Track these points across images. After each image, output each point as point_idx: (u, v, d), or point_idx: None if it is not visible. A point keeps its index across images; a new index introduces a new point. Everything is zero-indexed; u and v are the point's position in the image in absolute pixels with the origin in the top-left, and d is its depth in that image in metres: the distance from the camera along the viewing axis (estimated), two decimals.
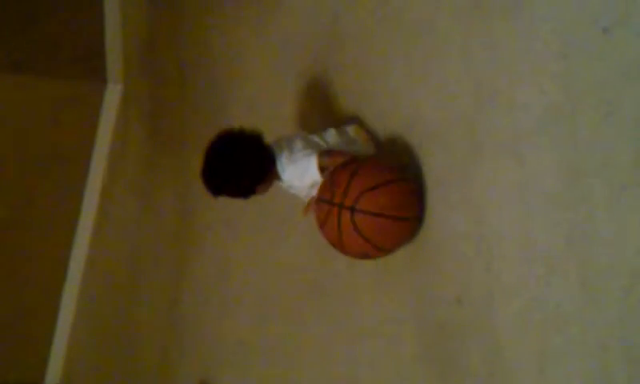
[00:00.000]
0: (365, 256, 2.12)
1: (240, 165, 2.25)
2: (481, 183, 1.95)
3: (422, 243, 2.14)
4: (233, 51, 3.30)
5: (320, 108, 2.65)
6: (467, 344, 1.97)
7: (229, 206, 3.04)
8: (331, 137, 2.31)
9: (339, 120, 2.49)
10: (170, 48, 3.91)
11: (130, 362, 3.75)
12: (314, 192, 2.29)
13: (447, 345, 2.03)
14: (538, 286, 1.78)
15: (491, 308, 1.90)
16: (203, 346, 3.21)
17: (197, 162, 2.32)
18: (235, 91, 3.24)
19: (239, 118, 2.49)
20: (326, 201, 2.06)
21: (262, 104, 3.00)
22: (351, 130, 2.35)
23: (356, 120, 2.43)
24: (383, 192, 2.01)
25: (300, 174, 2.24)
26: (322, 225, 2.10)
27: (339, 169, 2.10)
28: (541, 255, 1.77)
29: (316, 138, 2.30)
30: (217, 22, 3.45)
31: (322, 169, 2.21)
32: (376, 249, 2.07)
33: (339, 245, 2.09)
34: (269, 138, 2.33)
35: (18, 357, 4.23)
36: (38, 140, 4.14)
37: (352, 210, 2.00)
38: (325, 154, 2.22)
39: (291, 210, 2.57)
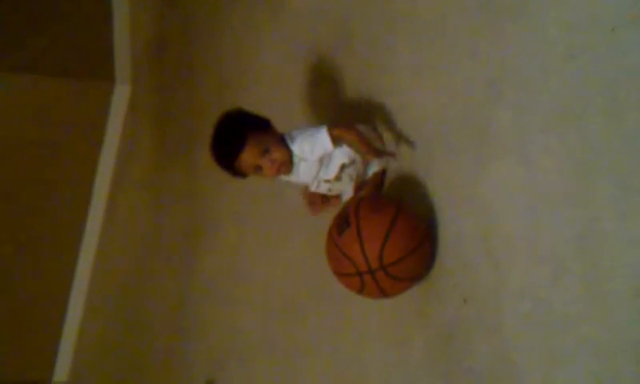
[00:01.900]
0: (411, 287, 2.14)
1: (240, 113, 2.31)
2: (488, 184, 1.95)
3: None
4: (242, 52, 3.30)
5: (329, 108, 2.66)
6: (474, 345, 1.97)
7: (238, 203, 3.05)
8: None
9: (348, 119, 2.49)
10: (179, 49, 3.92)
11: (137, 360, 3.76)
12: (322, 175, 2.29)
13: (454, 346, 2.03)
14: (546, 286, 1.77)
15: (498, 309, 1.90)
16: (210, 344, 3.21)
17: (205, 162, 2.32)
18: (245, 92, 3.25)
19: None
20: (353, 274, 2.07)
21: (272, 104, 3.00)
22: (360, 128, 2.35)
23: (364, 121, 2.43)
24: (397, 235, 2.02)
25: (310, 144, 2.22)
26: (359, 291, 2.12)
27: (338, 237, 2.08)
28: (549, 256, 1.77)
29: None
30: (226, 22, 3.46)
31: (333, 138, 2.20)
32: (419, 278, 2.12)
33: (385, 296, 2.12)
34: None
35: (26, 354, 4.25)
36: (46, 139, 4.15)
37: (383, 269, 2.03)
38: (335, 124, 2.21)
39: (300, 208, 2.57)
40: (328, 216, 2.27)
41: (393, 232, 2.02)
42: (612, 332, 1.62)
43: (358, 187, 2.33)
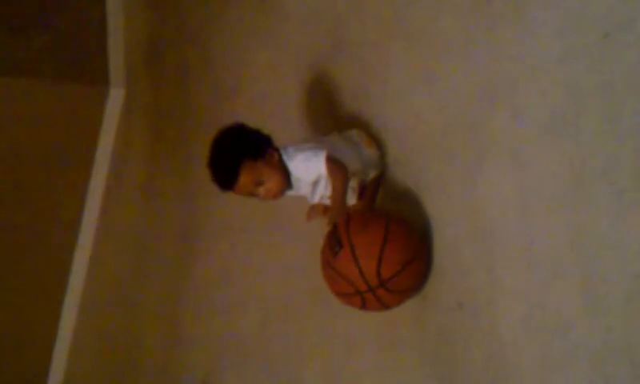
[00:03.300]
0: (412, 296, 2.14)
1: (239, 132, 2.28)
2: (483, 188, 1.95)
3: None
4: (236, 56, 3.30)
5: (323, 111, 2.66)
6: (469, 350, 1.97)
7: (233, 208, 3.04)
8: (335, 142, 2.30)
9: (342, 123, 2.49)
10: (173, 52, 3.92)
11: (132, 365, 3.75)
12: (318, 191, 2.28)
13: (449, 350, 2.03)
14: (540, 290, 1.78)
15: (493, 313, 1.90)
16: (205, 347, 3.21)
17: (200, 167, 2.32)
18: (239, 95, 3.24)
19: (243, 121, 2.50)
20: (353, 294, 2.06)
21: (266, 108, 3.00)
22: (354, 134, 2.35)
23: (359, 124, 2.43)
24: (392, 248, 2.02)
25: (305, 166, 2.22)
26: (361, 308, 2.12)
27: (333, 259, 2.07)
28: (543, 260, 1.78)
29: (322, 138, 2.30)
30: (220, 26, 3.46)
31: (328, 168, 2.19)
32: (419, 287, 2.11)
33: (387, 309, 2.12)
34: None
35: (19, 361, 4.22)
36: (39, 143, 4.14)
37: (382, 285, 2.02)
38: (333, 158, 2.19)
39: (295, 213, 2.57)
40: (323, 221, 2.27)
41: (387, 246, 2.01)
42: (606, 335, 1.62)
43: (360, 194, 2.32)
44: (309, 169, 2.22)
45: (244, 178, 2.21)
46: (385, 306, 2.08)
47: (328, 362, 2.52)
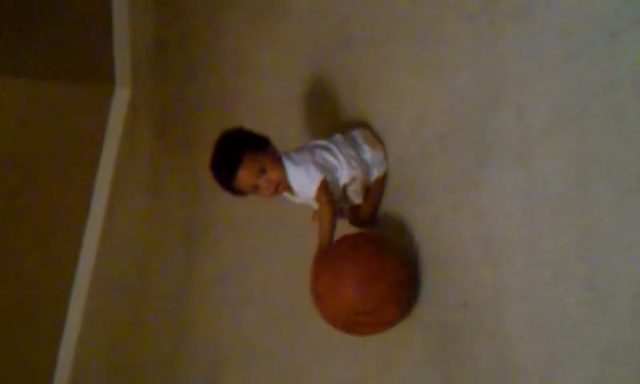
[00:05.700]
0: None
1: (240, 132, 2.33)
2: (488, 188, 1.95)
3: (429, 248, 2.14)
4: (241, 55, 3.31)
5: (327, 110, 2.66)
6: (474, 349, 1.97)
7: (237, 206, 3.05)
8: (338, 145, 2.30)
9: (346, 122, 2.49)
10: (179, 52, 3.92)
11: (136, 364, 3.76)
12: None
13: (454, 350, 2.03)
14: (546, 290, 1.78)
15: (498, 312, 1.90)
16: (210, 346, 3.21)
17: (205, 165, 2.33)
18: (243, 94, 3.25)
19: (247, 121, 2.50)
20: (341, 326, 2.21)
21: (270, 107, 3.00)
22: (358, 134, 2.35)
23: (363, 124, 2.43)
24: (359, 294, 2.10)
25: (301, 186, 2.25)
26: (353, 333, 2.25)
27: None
28: (548, 259, 1.77)
29: (324, 153, 2.29)
30: (225, 26, 3.47)
31: (317, 198, 2.23)
32: (403, 315, 2.17)
33: (391, 325, 2.20)
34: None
35: (24, 362, 4.23)
36: (45, 143, 4.14)
37: (363, 314, 2.12)
38: (325, 190, 2.22)
39: (299, 210, 2.57)
40: None
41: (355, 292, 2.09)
42: (612, 334, 1.62)
43: (365, 196, 2.33)
44: (304, 188, 2.25)
45: (246, 167, 2.23)
46: (375, 331, 2.19)
47: (333, 360, 2.52)
